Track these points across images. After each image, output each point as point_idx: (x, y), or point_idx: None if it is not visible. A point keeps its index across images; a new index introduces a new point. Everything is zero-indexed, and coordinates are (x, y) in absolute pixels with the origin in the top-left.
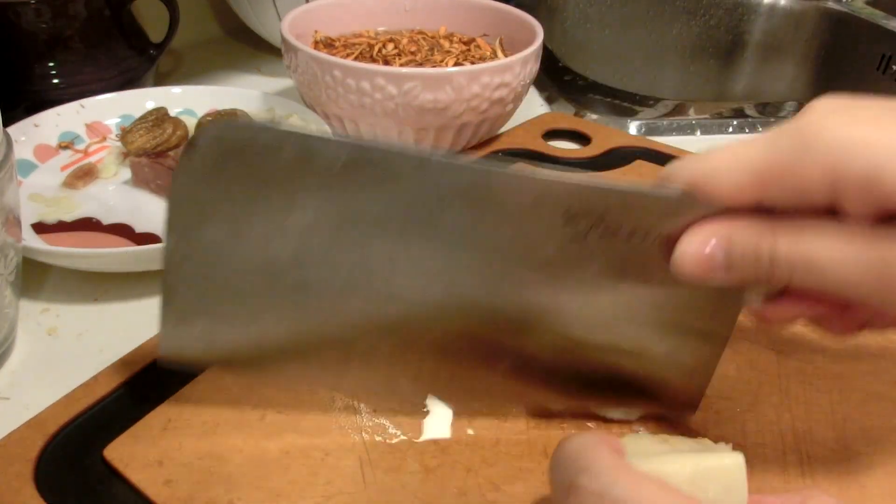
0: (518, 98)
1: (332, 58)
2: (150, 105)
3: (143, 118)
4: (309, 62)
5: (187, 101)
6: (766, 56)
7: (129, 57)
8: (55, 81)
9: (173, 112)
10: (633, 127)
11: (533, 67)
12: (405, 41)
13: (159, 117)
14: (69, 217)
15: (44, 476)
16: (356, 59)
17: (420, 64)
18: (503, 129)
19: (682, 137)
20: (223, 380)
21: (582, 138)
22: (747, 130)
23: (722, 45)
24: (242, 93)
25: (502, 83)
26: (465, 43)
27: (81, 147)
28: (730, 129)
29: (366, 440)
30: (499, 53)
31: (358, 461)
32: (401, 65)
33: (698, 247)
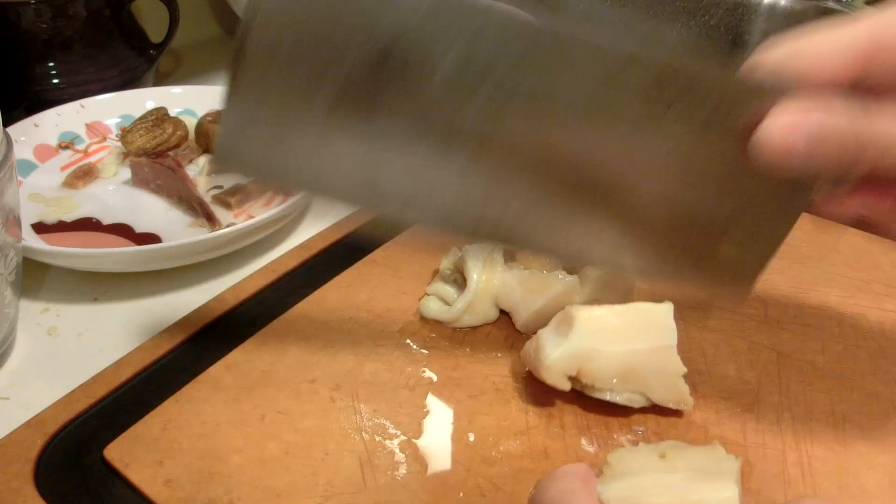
0: None
1: None
2: (150, 105)
3: (143, 118)
4: None
5: (187, 101)
6: None
7: (129, 57)
8: (55, 81)
9: (173, 112)
10: None
11: None
12: None
13: (159, 117)
14: (69, 217)
15: (44, 476)
16: None
17: None
18: None
19: None
20: (223, 380)
21: None
22: None
23: (722, 46)
24: None
25: None
26: None
27: (81, 147)
28: None
29: (366, 440)
30: None
31: (358, 461)
32: None
33: (783, 127)
